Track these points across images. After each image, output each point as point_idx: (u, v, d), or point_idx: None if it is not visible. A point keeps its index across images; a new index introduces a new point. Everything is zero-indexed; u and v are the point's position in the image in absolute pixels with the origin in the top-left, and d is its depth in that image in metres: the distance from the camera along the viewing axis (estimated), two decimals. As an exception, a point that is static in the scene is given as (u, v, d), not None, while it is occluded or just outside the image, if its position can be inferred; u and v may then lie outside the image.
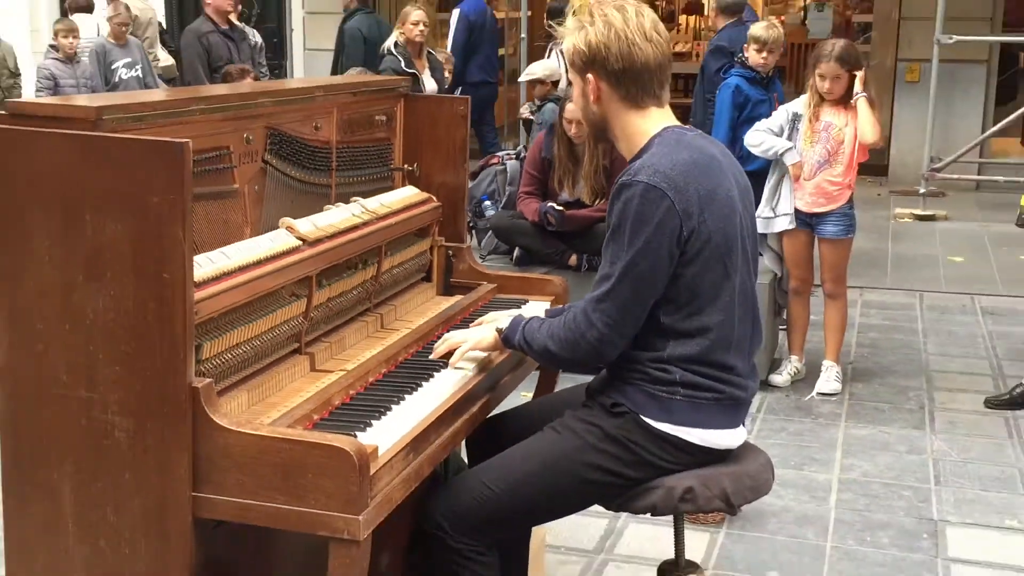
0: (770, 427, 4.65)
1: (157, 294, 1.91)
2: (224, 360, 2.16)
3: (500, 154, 6.59)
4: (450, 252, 3.15)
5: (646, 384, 2.36)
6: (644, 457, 2.37)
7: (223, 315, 2.13)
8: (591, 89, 2.40)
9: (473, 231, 5.99)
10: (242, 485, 1.94)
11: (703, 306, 2.32)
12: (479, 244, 5.83)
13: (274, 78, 8.93)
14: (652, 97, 2.39)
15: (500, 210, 5.95)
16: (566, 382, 3.04)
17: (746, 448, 2.55)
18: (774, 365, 5.22)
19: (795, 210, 4.92)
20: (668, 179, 2.25)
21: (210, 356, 2.11)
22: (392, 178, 3.06)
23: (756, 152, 4.98)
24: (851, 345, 5.69)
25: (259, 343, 2.28)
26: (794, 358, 5.18)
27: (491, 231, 5.69)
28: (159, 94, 2.89)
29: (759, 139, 4.98)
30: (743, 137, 5.16)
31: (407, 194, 2.98)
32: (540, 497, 2.41)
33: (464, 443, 2.75)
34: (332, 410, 2.25)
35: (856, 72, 4.77)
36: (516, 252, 5.48)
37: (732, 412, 2.43)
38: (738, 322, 2.38)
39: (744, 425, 2.51)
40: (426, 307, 3.00)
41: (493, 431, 2.65)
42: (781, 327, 5.38)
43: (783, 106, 5.09)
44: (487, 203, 6.18)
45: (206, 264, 2.10)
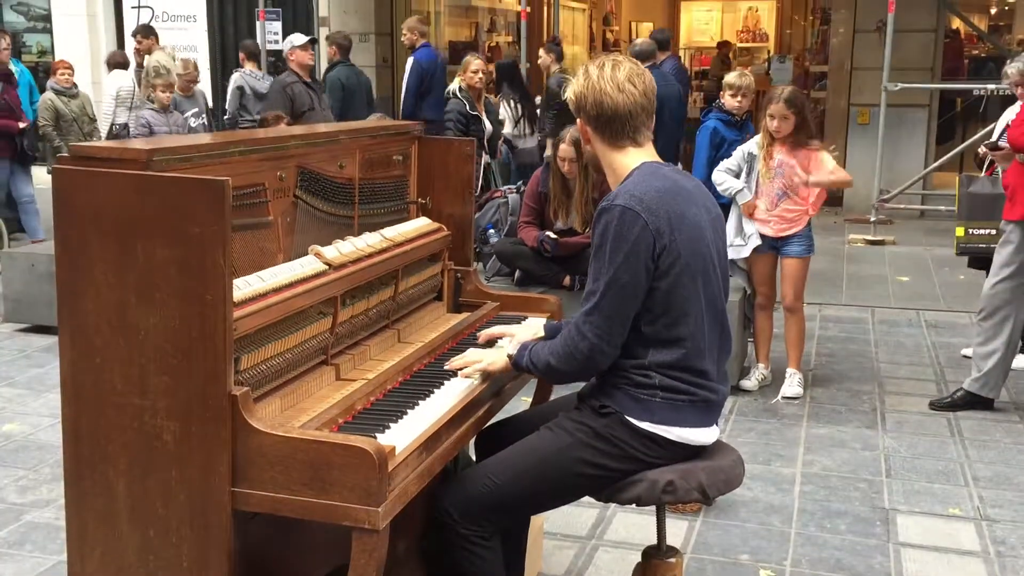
0: (741, 427, 4.63)
1: (201, 313, 1.91)
2: (260, 371, 2.15)
3: (503, 188, 6.60)
4: (458, 275, 3.14)
5: (630, 388, 2.36)
6: (628, 452, 2.37)
7: (259, 331, 2.13)
8: (582, 131, 2.46)
9: (479, 256, 5.99)
10: (275, 481, 1.93)
11: (677, 317, 2.32)
12: (484, 267, 5.81)
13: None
14: (628, 138, 2.40)
15: (503, 237, 5.95)
16: (561, 390, 3.04)
17: (720, 446, 2.54)
18: (744, 372, 5.20)
19: (762, 235, 4.93)
20: (642, 203, 2.27)
21: (247, 367, 2.10)
22: (407, 210, 3.06)
23: (720, 191, 4.97)
24: (811, 355, 5.67)
25: (290, 355, 2.27)
26: (761, 366, 5.17)
27: (495, 256, 5.68)
28: (204, 138, 2.89)
29: (720, 179, 4.98)
30: None
31: (420, 224, 2.98)
32: (537, 488, 2.40)
33: (473, 445, 2.73)
34: (355, 414, 2.24)
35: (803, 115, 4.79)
36: (517, 274, 5.47)
37: (705, 412, 2.42)
38: (708, 332, 2.38)
39: (717, 425, 2.50)
40: (437, 323, 2.99)
41: (498, 435, 2.64)
42: (749, 339, 5.37)
43: (740, 147, 5.07)
44: (491, 231, 6.17)
45: (244, 286, 2.10)
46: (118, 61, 9.13)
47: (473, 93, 7.33)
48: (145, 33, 9.34)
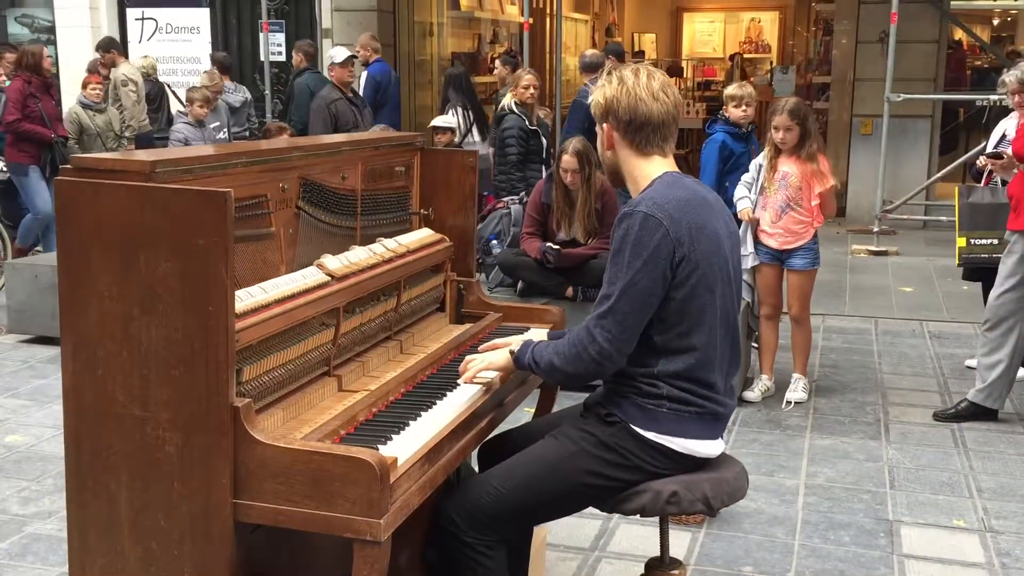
0: (744, 438, 4.62)
1: (203, 324, 1.91)
2: (262, 382, 2.15)
3: (506, 199, 6.60)
4: (461, 285, 3.14)
5: (637, 397, 2.35)
6: (633, 462, 2.36)
7: (261, 342, 2.13)
8: (606, 136, 2.44)
9: (481, 267, 5.98)
10: (277, 493, 1.93)
11: (690, 327, 2.31)
12: (487, 278, 5.82)
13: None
14: (656, 147, 2.40)
15: (506, 248, 5.95)
16: (564, 400, 3.03)
17: (724, 458, 2.53)
18: (747, 383, 5.19)
19: (768, 247, 4.95)
20: (664, 211, 2.26)
21: (249, 379, 2.10)
22: (410, 221, 3.06)
23: (736, 205, 5.05)
24: (815, 365, 5.67)
25: (293, 367, 2.27)
26: (764, 377, 5.16)
27: (498, 267, 5.68)
28: (207, 149, 2.89)
29: (741, 193, 5.07)
30: (728, 184, 5.23)
31: (423, 235, 2.98)
32: (542, 496, 2.39)
33: (476, 457, 2.73)
34: (357, 426, 2.23)
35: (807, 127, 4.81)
36: (520, 285, 5.47)
37: (711, 425, 2.41)
38: (719, 344, 2.38)
39: (722, 438, 2.49)
40: (440, 334, 2.99)
41: (500, 446, 2.64)
42: (753, 346, 5.37)
43: (754, 160, 5.13)
44: (494, 242, 6.18)
45: (246, 298, 2.10)
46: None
47: (526, 108, 7.23)
48: (107, 47, 9.45)
